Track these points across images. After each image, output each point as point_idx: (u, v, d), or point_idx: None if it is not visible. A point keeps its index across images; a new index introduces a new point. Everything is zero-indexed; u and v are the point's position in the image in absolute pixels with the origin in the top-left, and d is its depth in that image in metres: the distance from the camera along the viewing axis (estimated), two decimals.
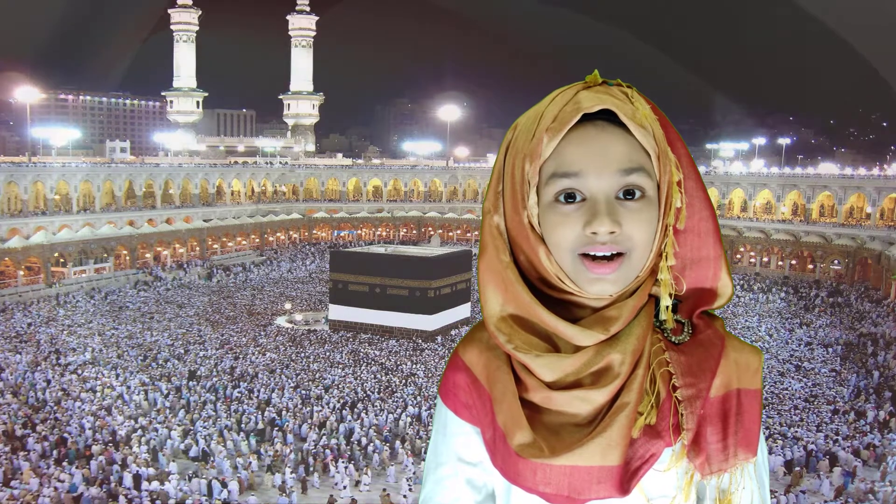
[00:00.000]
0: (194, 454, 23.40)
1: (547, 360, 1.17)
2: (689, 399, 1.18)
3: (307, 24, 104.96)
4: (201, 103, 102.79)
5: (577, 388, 1.17)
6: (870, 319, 45.39)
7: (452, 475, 1.33)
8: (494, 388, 1.24)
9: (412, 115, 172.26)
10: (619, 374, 1.15)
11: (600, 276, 1.13)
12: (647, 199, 1.14)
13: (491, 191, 1.24)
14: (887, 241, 54.07)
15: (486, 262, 1.23)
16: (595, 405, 1.16)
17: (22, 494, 19.18)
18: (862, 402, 30.23)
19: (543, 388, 1.18)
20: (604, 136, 1.14)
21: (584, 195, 1.13)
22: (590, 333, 1.16)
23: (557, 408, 1.18)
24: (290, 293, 55.26)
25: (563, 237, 1.14)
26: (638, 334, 1.18)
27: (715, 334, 1.24)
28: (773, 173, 71.62)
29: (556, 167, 1.14)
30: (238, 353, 37.43)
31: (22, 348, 36.11)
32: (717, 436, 1.21)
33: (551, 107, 1.16)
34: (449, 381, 1.32)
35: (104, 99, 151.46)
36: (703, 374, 1.20)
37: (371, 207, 79.96)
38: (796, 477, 22.07)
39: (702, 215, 1.22)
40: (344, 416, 27.55)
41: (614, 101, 1.13)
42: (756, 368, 1.25)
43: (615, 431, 1.14)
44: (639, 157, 1.14)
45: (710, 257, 1.23)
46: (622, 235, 1.12)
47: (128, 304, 49.30)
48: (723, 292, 1.25)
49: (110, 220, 60.07)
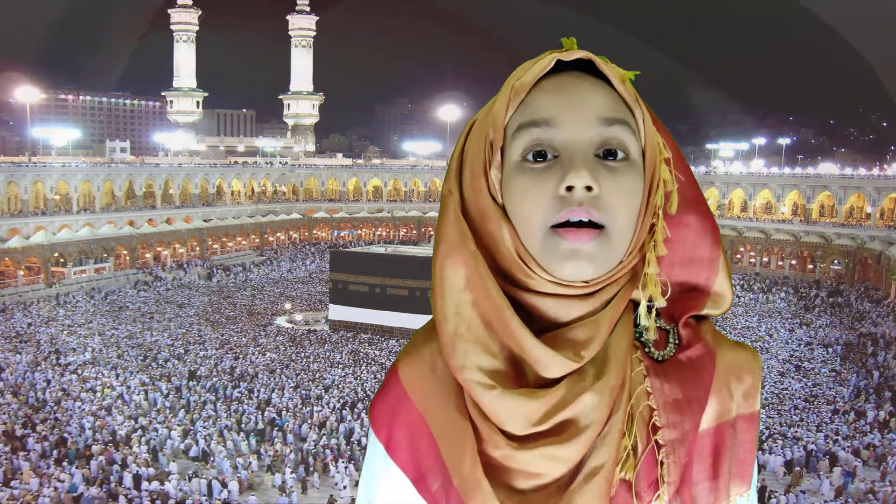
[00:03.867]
0: (194, 454, 23.39)
1: (512, 401, 0.92)
2: (673, 444, 0.97)
3: (307, 24, 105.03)
4: (201, 103, 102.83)
5: (543, 444, 0.92)
6: (870, 319, 45.39)
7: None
8: (444, 434, 0.99)
9: (412, 115, 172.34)
10: (589, 424, 0.92)
11: (576, 248, 0.90)
12: (631, 161, 0.95)
13: (451, 173, 1.03)
14: (887, 241, 54.07)
15: (446, 251, 0.98)
16: (567, 464, 0.93)
17: (22, 494, 19.16)
18: (862, 402, 30.22)
19: (502, 443, 0.93)
20: (581, 83, 0.96)
21: (556, 151, 0.93)
22: (559, 359, 0.92)
23: (521, 468, 0.94)
24: (290, 293, 55.27)
25: (532, 204, 0.92)
26: (617, 362, 0.95)
27: (704, 350, 1.02)
28: (773, 173, 71.61)
29: (524, 116, 0.95)
30: (238, 353, 37.43)
31: (22, 348, 36.10)
32: (705, 474, 1.02)
33: (520, 68, 0.98)
34: (384, 406, 1.06)
35: (104, 99, 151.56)
36: (691, 408, 0.99)
37: (371, 207, 79.97)
38: (796, 477, 22.07)
39: (699, 210, 1.04)
40: (344, 416, 27.55)
41: (591, 56, 0.98)
42: (754, 386, 1.05)
43: (588, 501, 0.92)
44: (621, 110, 0.96)
45: (706, 258, 1.03)
46: (601, 200, 0.91)
47: (128, 304, 49.31)
48: (718, 298, 1.05)
49: (110, 220, 60.08)
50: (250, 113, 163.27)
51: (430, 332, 1.04)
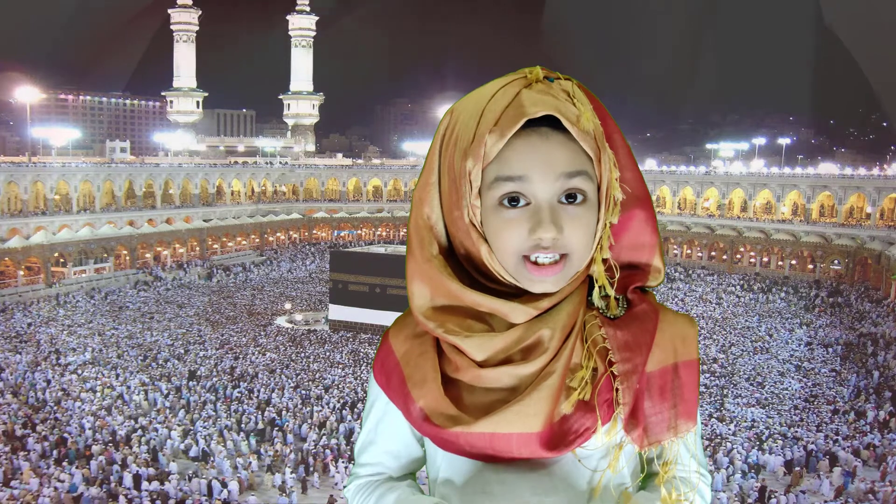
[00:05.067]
0: (194, 454, 23.40)
1: (477, 340, 1.20)
2: (625, 374, 1.20)
3: (307, 24, 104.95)
4: (201, 103, 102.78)
5: (507, 365, 1.19)
6: (870, 319, 45.39)
7: (373, 442, 1.42)
8: (414, 373, 1.27)
9: (412, 115, 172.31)
10: (547, 348, 1.18)
11: (543, 278, 1.16)
12: (588, 202, 1.17)
13: (423, 180, 1.24)
14: (887, 241, 54.08)
15: (410, 256, 1.27)
16: (522, 378, 1.19)
17: (22, 494, 19.17)
18: (862, 402, 30.23)
19: (474, 367, 1.21)
20: (547, 144, 1.15)
21: (528, 200, 1.15)
22: (521, 308, 1.19)
23: (487, 385, 1.21)
24: (290, 293, 55.28)
25: (507, 241, 1.16)
26: (569, 310, 1.21)
27: (650, 308, 1.28)
28: (773, 173, 71.54)
29: (500, 171, 1.15)
30: (238, 353, 37.44)
31: (22, 348, 36.11)
32: (656, 408, 1.23)
33: (492, 104, 1.15)
34: (378, 360, 1.37)
35: (104, 99, 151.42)
36: (639, 348, 1.22)
37: (371, 207, 79.98)
38: (796, 477, 22.08)
39: (643, 205, 1.27)
40: (344, 416, 27.56)
41: (556, 105, 1.14)
42: (692, 338, 1.28)
43: (535, 399, 1.16)
44: (581, 161, 1.16)
45: (647, 244, 1.29)
46: (564, 239, 1.15)
47: (128, 304, 49.32)
48: (656, 272, 1.30)
49: (110, 220, 60.09)
50: (250, 113, 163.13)
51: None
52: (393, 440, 1.40)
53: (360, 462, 1.46)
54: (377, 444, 1.42)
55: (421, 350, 1.29)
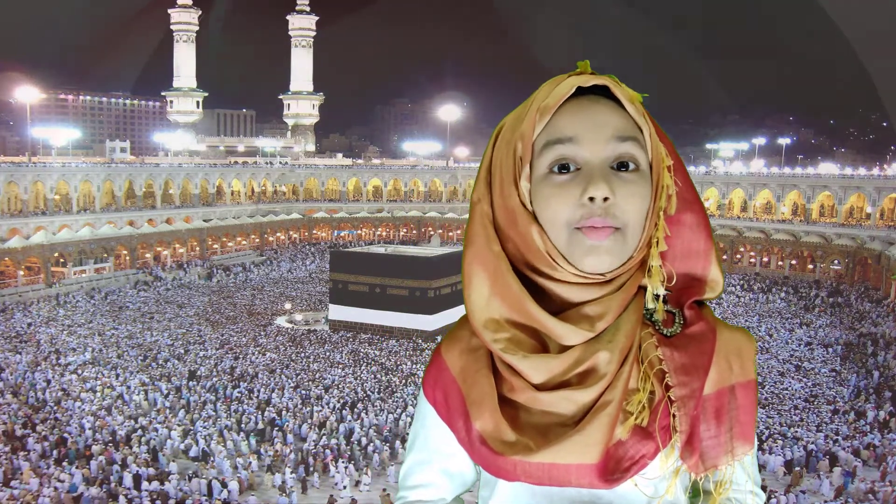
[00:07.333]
0: (194, 454, 23.40)
1: (534, 361, 1.15)
2: (683, 399, 1.16)
3: (307, 24, 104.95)
4: (201, 103, 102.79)
5: (564, 389, 1.15)
6: (870, 319, 45.40)
7: (427, 462, 1.35)
8: (472, 391, 1.23)
9: (412, 115, 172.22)
10: (605, 373, 1.14)
11: (596, 244, 1.10)
12: (641, 172, 1.14)
13: (480, 181, 1.22)
14: (887, 241, 54.08)
15: (473, 252, 1.20)
16: (580, 405, 1.14)
17: (22, 494, 19.17)
18: (862, 402, 30.24)
19: (529, 389, 1.16)
20: (598, 106, 1.14)
21: (578, 164, 1.12)
22: (577, 331, 1.14)
23: (543, 408, 1.16)
24: (290, 293, 55.27)
25: (558, 210, 1.11)
26: (626, 331, 1.16)
27: (706, 326, 1.23)
28: (773, 173, 71.59)
29: (549, 135, 1.13)
30: (238, 353, 37.43)
31: (22, 348, 36.11)
32: (712, 432, 1.20)
33: (543, 89, 1.16)
34: (430, 377, 1.32)
35: (104, 99, 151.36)
36: (697, 371, 1.18)
37: (371, 207, 79.97)
38: (796, 477, 22.07)
39: (693, 209, 1.23)
40: (344, 416, 27.55)
41: (606, 81, 1.15)
42: (749, 356, 1.24)
43: (595, 429, 1.12)
44: (631, 128, 1.14)
45: (701, 251, 1.23)
46: (616, 207, 1.10)
47: (128, 304, 49.31)
48: (713, 284, 1.25)
49: (110, 220, 60.09)
50: (250, 113, 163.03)
51: (464, 321, 1.28)
52: (450, 460, 1.33)
53: (409, 484, 1.37)
54: (432, 463, 1.34)
55: (477, 367, 1.24)
